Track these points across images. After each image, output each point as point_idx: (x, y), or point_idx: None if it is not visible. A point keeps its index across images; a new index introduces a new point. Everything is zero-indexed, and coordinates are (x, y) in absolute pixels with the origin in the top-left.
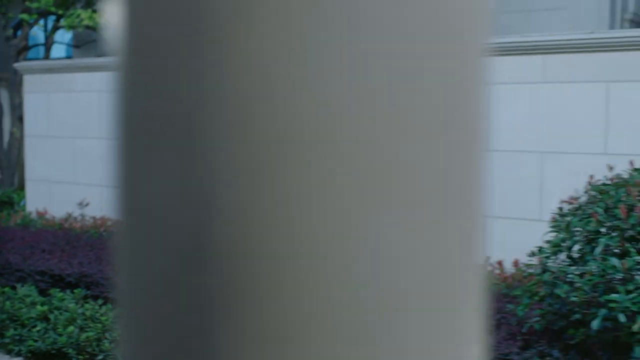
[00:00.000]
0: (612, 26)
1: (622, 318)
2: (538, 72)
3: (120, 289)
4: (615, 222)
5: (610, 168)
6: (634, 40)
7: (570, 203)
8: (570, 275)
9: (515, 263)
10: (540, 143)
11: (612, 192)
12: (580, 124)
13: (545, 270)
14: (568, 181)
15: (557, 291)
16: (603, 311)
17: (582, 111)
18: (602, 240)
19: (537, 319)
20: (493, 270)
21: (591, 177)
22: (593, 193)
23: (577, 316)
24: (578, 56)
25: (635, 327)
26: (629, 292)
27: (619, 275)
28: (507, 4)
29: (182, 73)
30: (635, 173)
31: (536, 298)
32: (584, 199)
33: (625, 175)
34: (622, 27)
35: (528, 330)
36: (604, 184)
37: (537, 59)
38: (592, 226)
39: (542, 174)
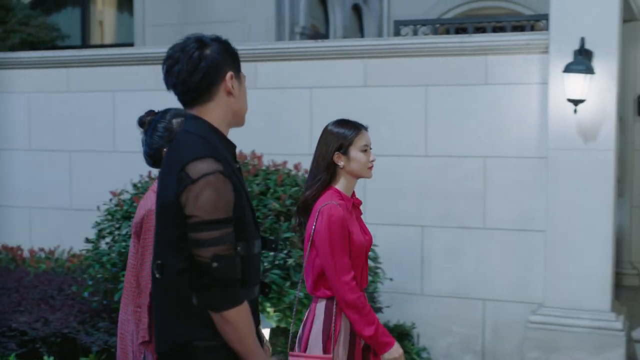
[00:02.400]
0: (280, 38)
1: None
2: None
3: None
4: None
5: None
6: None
7: (116, 195)
8: (103, 257)
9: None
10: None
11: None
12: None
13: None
14: None
15: (90, 270)
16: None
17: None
18: (125, 224)
19: (96, 298)
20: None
21: (142, 175)
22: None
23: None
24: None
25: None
26: None
27: None
28: (188, 16)
29: None
30: None
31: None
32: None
33: None
34: (291, 39)
35: (92, 307)
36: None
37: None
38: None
39: None
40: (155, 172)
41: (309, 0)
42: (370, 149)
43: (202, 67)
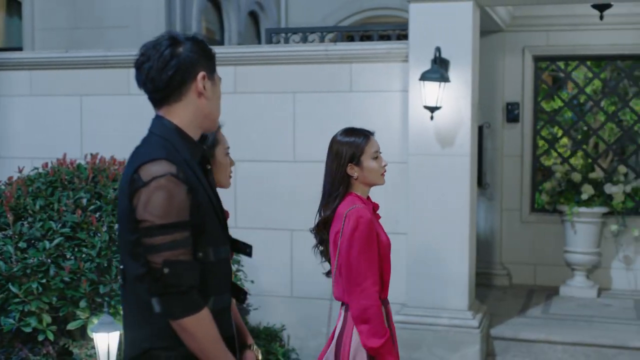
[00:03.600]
0: None
1: None
2: None
3: None
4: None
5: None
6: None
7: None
8: None
9: None
10: None
11: None
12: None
13: None
14: None
15: None
16: None
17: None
18: None
19: None
20: None
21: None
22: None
23: None
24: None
25: None
26: None
27: None
28: (78, 21)
29: None
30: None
31: None
32: None
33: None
34: None
35: None
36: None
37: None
38: None
39: None
40: None
41: (201, 7)
42: (380, 153)
43: (172, 65)
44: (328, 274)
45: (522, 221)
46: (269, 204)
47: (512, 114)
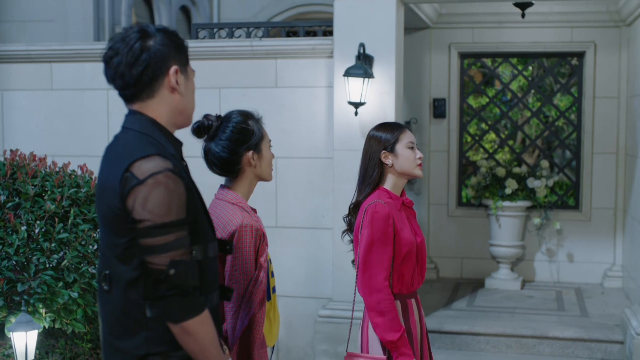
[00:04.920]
0: (99, 39)
1: None
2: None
3: None
4: None
5: None
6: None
7: None
8: None
9: None
10: None
11: None
12: None
13: None
14: None
15: None
16: None
17: None
18: None
19: None
20: None
21: None
22: None
23: None
24: None
25: None
26: None
27: None
28: (2, 14)
29: None
30: None
31: None
32: None
33: None
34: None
35: None
36: None
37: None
38: None
39: None
40: None
41: (131, 1)
42: (416, 146)
43: (143, 60)
44: (353, 262)
45: (449, 215)
46: None
47: (439, 110)
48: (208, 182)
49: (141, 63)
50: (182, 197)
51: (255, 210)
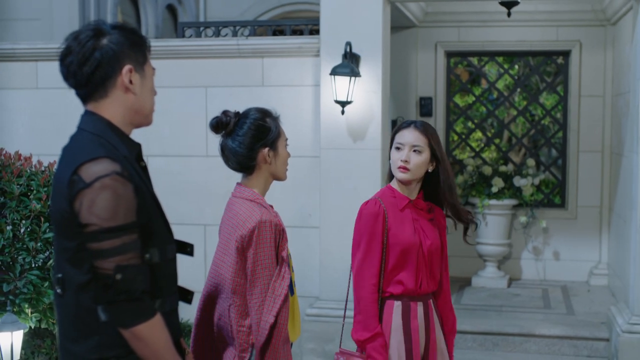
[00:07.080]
0: None
1: None
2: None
3: None
4: None
5: None
6: None
7: None
8: None
9: None
10: None
11: None
12: None
13: None
14: None
15: None
16: None
17: None
18: None
19: None
20: None
21: None
22: None
23: None
24: None
25: None
26: None
27: None
28: None
29: None
30: None
31: None
32: None
33: None
34: None
35: None
36: None
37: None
38: None
39: None
40: None
41: (116, 0)
42: (404, 145)
43: (94, 58)
44: None
45: None
46: (182, 199)
47: (425, 108)
48: (201, 180)
49: (92, 62)
50: (130, 201)
51: (271, 206)
